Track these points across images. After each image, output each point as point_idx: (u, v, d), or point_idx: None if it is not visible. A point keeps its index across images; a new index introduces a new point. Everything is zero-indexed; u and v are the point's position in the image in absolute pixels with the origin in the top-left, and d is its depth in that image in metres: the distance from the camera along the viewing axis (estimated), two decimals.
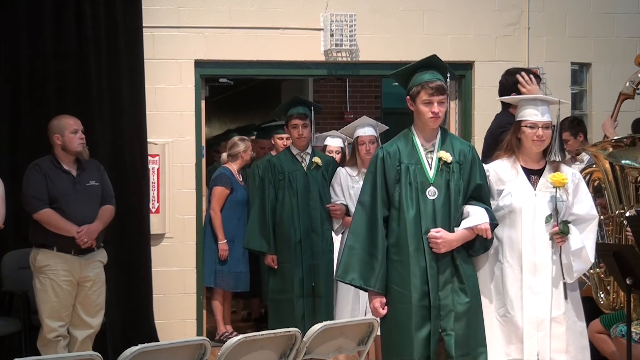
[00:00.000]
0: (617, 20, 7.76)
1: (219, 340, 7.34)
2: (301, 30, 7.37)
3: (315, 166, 6.32)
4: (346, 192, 6.17)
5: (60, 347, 5.71)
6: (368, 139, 6.11)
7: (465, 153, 4.44)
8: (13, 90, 6.77)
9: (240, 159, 7.67)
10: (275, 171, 6.30)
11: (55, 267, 5.68)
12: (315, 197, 6.25)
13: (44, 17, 6.77)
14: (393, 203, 4.38)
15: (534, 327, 4.43)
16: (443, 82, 4.40)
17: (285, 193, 6.25)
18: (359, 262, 4.35)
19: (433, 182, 4.36)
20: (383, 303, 4.35)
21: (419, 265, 4.31)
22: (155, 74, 7.12)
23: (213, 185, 7.51)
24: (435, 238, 4.30)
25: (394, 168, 4.38)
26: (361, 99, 11.84)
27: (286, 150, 6.48)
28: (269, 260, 6.27)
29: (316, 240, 6.22)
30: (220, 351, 3.64)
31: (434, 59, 4.48)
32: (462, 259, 4.39)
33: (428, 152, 4.42)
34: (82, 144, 5.82)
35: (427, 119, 4.37)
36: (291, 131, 6.34)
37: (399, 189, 4.36)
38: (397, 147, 4.44)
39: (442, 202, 4.35)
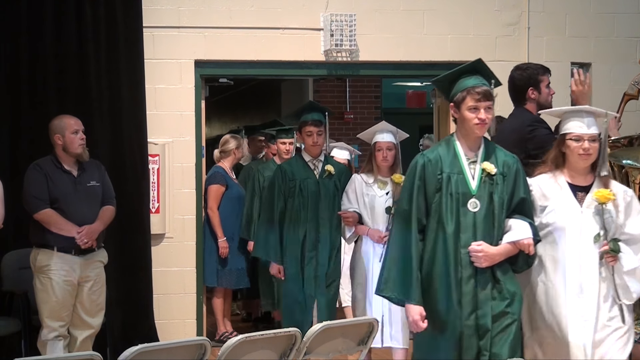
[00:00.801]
0: (617, 20, 7.76)
1: (219, 340, 7.35)
2: (301, 30, 7.37)
3: (327, 174, 6.06)
4: (360, 199, 5.89)
5: (60, 347, 5.71)
6: (386, 146, 5.88)
7: (510, 165, 4.23)
8: (13, 90, 6.77)
9: (232, 156, 7.70)
10: (286, 178, 6.03)
11: (56, 267, 5.68)
12: (326, 207, 5.99)
13: (44, 17, 6.77)
14: (432, 213, 4.18)
15: (581, 352, 4.19)
16: (489, 87, 4.22)
17: (295, 202, 5.99)
18: (396, 273, 4.18)
19: (475, 194, 4.16)
20: (423, 316, 4.14)
21: (456, 279, 4.12)
22: (155, 74, 7.12)
23: (208, 184, 7.53)
24: (477, 252, 4.10)
25: (435, 176, 4.19)
26: (361, 99, 11.84)
27: (297, 157, 6.24)
28: (274, 270, 6.05)
29: (322, 251, 5.97)
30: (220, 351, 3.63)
31: (479, 63, 4.30)
32: (503, 273, 4.17)
33: (471, 162, 4.22)
34: (83, 144, 5.82)
35: (473, 126, 4.16)
36: (305, 138, 6.06)
37: (439, 199, 4.16)
38: (438, 155, 4.23)
39: (483, 215, 4.14)
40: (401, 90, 12.79)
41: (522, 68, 5.42)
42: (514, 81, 5.39)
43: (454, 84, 4.26)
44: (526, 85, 5.35)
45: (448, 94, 4.31)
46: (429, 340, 4.18)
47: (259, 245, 6.15)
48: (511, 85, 5.40)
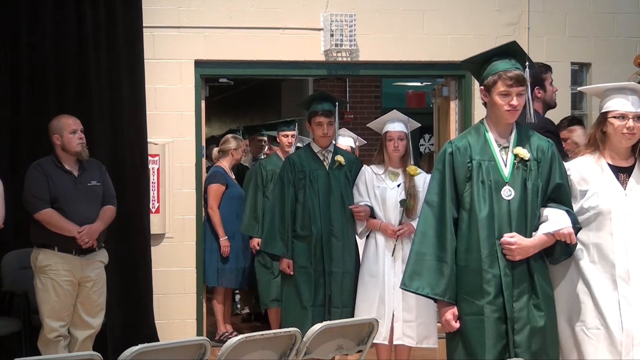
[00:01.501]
0: (617, 20, 7.76)
1: (219, 340, 7.35)
2: (301, 30, 7.37)
3: (337, 165, 5.89)
4: (371, 192, 5.73)
5: (60, 347, 5.71)
6: (397, 135, 5.69)
7: (544, 149, 4.01)
8: (13, 90, 6.77)
9: (230, 156, 7.69)
10: (295, 170, 5.86)
11: (56, 267, 5.68)
12: (337, 199, 5.82)
13: (44, 17, 6.77)
14: (463, 204, 3.97)
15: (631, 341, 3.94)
16: (522, 71, 4.00)
17: (306, 194, 5.81)
18: (427, 268, 3.95)
19: (508, 180, 3.95)
20: (456, 315, 3.96)
21: (492, 273, 3.90)
22: (155, 74, 7.12)
23: (208, 184, 7.52)
24: (509, 244, 3.89)
25: (464, 165, 3.98)
26: (361, 99, 11.85)
27: (306, 148, 6.08)
28: (284, 265, 5.85)
29: (336, 245, 5.78)
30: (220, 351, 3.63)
31: (513, 45, 4.08)
32: (538, 268, 3.97)
33: (502, 149, 4.01)
34: (82, 144, 5.82)
35: (504, 112, 3.96)
36: (315, 129, 5.90)
37: (470, 188, 3.96)
38: (467, 142, 4.02)
39: (518, 203, 3.93)
40: (401, 90, 12.79)
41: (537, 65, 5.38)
42: None
43: (485, 66, 4.06)
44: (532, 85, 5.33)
45: (479, 76, 4.10)
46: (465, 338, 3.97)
47: (267, 239, 5.94)
48: None
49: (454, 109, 7.84)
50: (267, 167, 7.34)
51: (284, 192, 5.85)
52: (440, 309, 4.00)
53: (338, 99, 6.08)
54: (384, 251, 5.64)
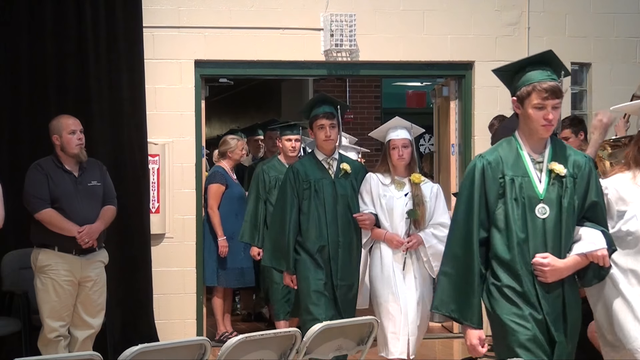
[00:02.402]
0: (617, 20, 7.76)
1: (219, 340, 7.34)
2: (301, 30, 7.37)
3: (343, 173, 5.61)
4: (377, 201, 5.49)
5: (60, 347, 5.71)
6: (401, 143, 5.49)
7: (581, 165, 3.75)
8: (13, 90, 6.77)
9: (228, 158, 7.67)
10: (299, 179, 5.57)
11: (57, 267, 5.68)
12: (344, 209, 5.56)
13: (44, 17, 6.78)
14: (495, 222, 3.71)
15: None
16: (557, 82, 3.74)
17: (311, 204, 5.54)
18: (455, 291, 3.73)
19: (543, 198, 3.69)
20: (482, 339, 3.71)
21: (529, 295, 3.66)
22: (155, 74, 7.13)
23: (208, 184, 7.51)
24: (542, 265, 3.64)
25: (496, 181, 3.71)
26: (361, 99, 11.85)
27: (310, 156, 5.79)
28: (287, 280, 5.63)
29: (344, 258, 5.55)
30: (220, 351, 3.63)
31: (549, 54, 3.80)
32: (569, 291, 3.73)
33: (536, 164, 3.74)
34: (80, 145, 5.80)
35: (538, 127, 3.69)
36: (317, 133, 5.60)
37: (503, 206, 3.69)
38: (499, 156, 3.76)
39: (553, 221, 3.67)
40: (401, 90, 12.79)
41: None
42: None
43: (518, 75, 3.78)
44: None
45: (510, 85, 3.85)
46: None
47: (268, 253, 5.71)
48: None
49: (454, 109, 7.84)
50: (269, 173, 7.07)
51: (286, 203, 5.58)
52: (467, 332, 3.75)
53: (340, 102, 5.85)
54: (391, 264, 5.44)
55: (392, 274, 5.42)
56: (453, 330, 7.75)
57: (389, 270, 5.43)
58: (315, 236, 5.52)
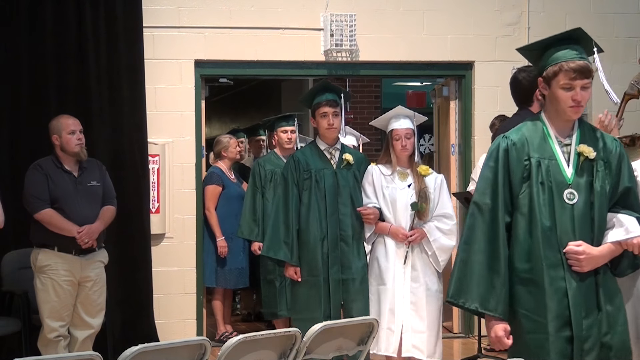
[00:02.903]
0: (617, 20, 7.76)
1: (219, 340, 7.34)
2: (301, 30, 7.37)
3: (346, 164, 5.46)
4: (379, 193, 5.36)
5: (60, 347, 5.71)
6: (404, 133, 5.34)
7: (611, 148, 3.55)
8: (13, 90, 6.77)
9: (224, 157, 7.66)
10: (299, 169, 5.43)
11: (56, 267, 5.68)
12: (345, 201, 5.41)
13: (44, 17, 6.77)
14: (519, 207, 3.50)
15: None
16: (587, 61, 3.52)
17: (312, 195, 5.39)
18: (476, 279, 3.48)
19: (572, 182, 3.48)
20: (508, 331, 3.48)
21: (556, 285, 3.44)
22: (155, 74, 7.13)
23: (205, 185, 7.50)
24: (577, 253, 3.43)
25: (521, 163, 3.50)
26: (361, 99, 11.85)
27: (311, 145, 5.63)
28: (291, 272, 5.43)
29: (346, 251, 5.39)
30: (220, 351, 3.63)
31: (578, 32, 3.57)
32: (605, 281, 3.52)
33: (564, 146, 3.53)
34: (80, 144, 5.81)
35: (566, 108, 3.48)
36: (319, 121, 5.44)
37: (528, 190, 3.48)
38: (524, 136, 3.53)
39: (582, 208, 3.46)
40: (401, 90, 12.80)
41: (527, 70, 5.40)
42: (520, 83, 5.33)
43: (545, 54, 3.57)
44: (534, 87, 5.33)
45: (538, 63, 3.64)
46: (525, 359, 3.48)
47: (271, 244, 5.48)
48: (517, 87, 5.35)
49: (454, 109, 7.84)
50: (265, 166, 7.01)
51: (288, 193, 5.43)
52: (490, 324, 3.52)
53: (343, 90, 5.64)
54: (394, 257, 5.33)
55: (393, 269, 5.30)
56: (453, 330, 7.75)
57: (392, 264, 5.31)
58: (315, 228, 5.38)
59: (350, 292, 5.39)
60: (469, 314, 3.68)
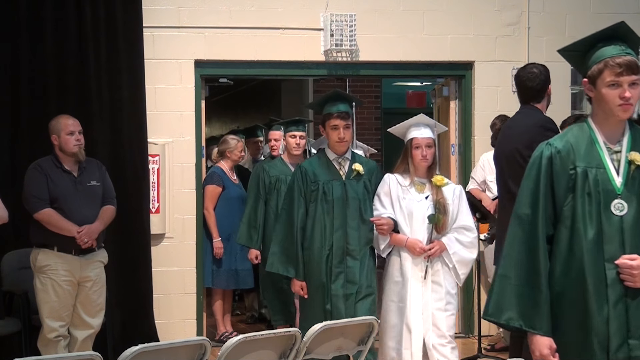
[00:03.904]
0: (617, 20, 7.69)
1: (219, 340, 7.34)
2: (301, 30, 7.37)
3: (356, 174, 5.26)
4: (396, 204, 5.14)
5: (60, 347, 5.71)
6: (425, 142, 5.14)
7: None
8: (13, 90, 6.77)
9: (227, 158, 7.65)
10: (307, 180, 5.24)
11: (56, 267, 5.68)
12: (354, 213, 5.21)
13: (44, 17, 6.77)
14: (562, 219, 3.29)
15: None
16: (635, 57, 3.31)
17: (318, 207, 5.21)
18: (517, 295, 3.28)
19: (621, 192, 3.26)
20: (554, 349, 3.26)
21: (600, 302, 3.22)
22: (155, 74, 7.13)
23: (205, 184, 7.49)
24: (631, 268, 3.19)
25: (566, 172, 3.29)
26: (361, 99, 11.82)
27: (320, 155, 5.45)
28: (297, 288, 5.28)
29: (352, 265, 5.19)
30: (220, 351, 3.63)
31: (622, 26, 3.42)
32: None
33: (613, 153, 3.31)
34: (79, 145, 5.80)
35: (614, 108, 3.25)
36: (329, 133, 5.25)
37: (573, 201, 3.26)
38: (569, 144, 3.32)
39: (632, 219, 3.24)
40: (401, 90, 12.80)
41: (538, 67, 5.37)
42: (533, 80, 5.30)
43: (589, 53, 3.42)
44: (547, 84, 5.33)
45: (581, 66, 3.48)
46: None
47: (275, 258, 5.31)
48: (532, 84, 5.30)
49: (454, 109, 7.84)
50: (270, 172, 6.85)
51: (293, 205, 5.26)
52: (534, 342, 3.30)
53: (355, 98, 5.49)
54: (412, 272, 5.12)
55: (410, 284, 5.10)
56: None
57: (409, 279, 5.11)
58: (320, 242, 5.21)
59: (355, 307, 5.18)
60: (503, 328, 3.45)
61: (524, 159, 5.10)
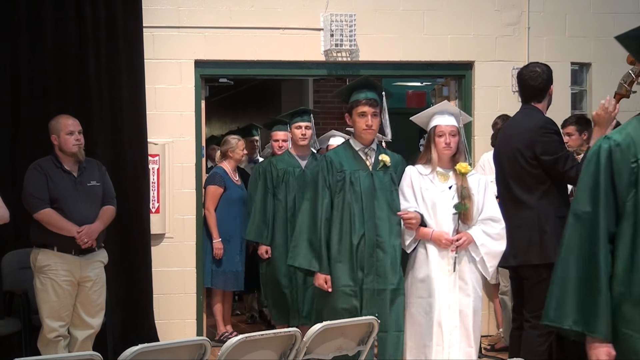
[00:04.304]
0: (617, 20, 7.76)
1: (219, 340, 7.34)
2: (301, 30, 7.37)
3: (382, 165, 5.06)
4: (418, 195, 4.96)
5: (60, 347, 5.71)
6: (449, 130, 4.95)
7: None
8: (13, 90, 6.77)
9: (229, 158, 7.65)
10: (332, 169, 5.03)
11: (56, 267, 5.68)
12: (382, 205, 5.00)
13: (44, 17, 6.77)
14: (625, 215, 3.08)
15: None
16: None
17: (346, 198, 4.99)
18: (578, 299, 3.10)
19: None
20: (612, 355, 3.07)
21: None
22: (155, 74, 7.13)
23: (206, 185, 7.49)
24: None
25: (628, 165, 3.07)
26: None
27: (345, 145, 5.22)
28: (321, 282, 5.00)
29: (382, 259, 4.96)
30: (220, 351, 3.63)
31: None
32: None
33: None
34: (78, 145, 5.80)
35: None
36: (356, 120, 5.03)
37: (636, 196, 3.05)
38: (629, 136, 3.11)
39: None
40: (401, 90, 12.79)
41: (540, 66, 5.37)
42: (535, 79, 5.30)
43: None
44: (549, 83, 5.33)
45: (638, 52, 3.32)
46: None
47: (298, 251, 5.08)
48: (533, 83, 5.30)
49: None
50: (278, 165, 6.75)
51: (317, 196, 5.04)
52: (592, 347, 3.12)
53: (385, 88, 5.24)
54: (439, 265, 4.93)
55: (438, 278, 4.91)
56: None
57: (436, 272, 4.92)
58: (350, 234, 4.97)
59: (385, 304, 4.96)
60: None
61: (525, 159, 5.11)
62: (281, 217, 6.68)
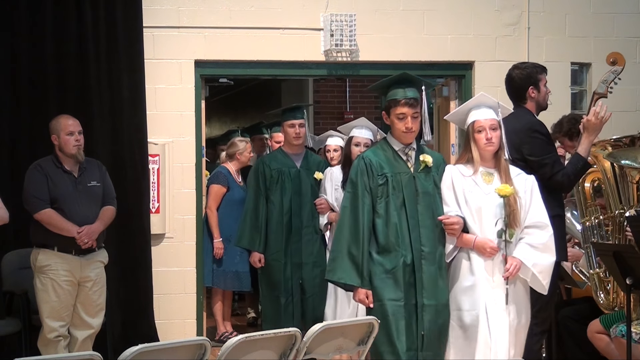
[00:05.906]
0: (617, 20, 7.76)
1: (219, 340, 7.34)
2: (301, 30, 7.37)
3: (424, 167, 4.62)
4: (461, 199, 4.54)
5: (60, 347, 5.71)
6: (489, 124, 4.53)
7: None
8: (13, 90, 6.77)
9: (236, 160, 7.65)
10: (372, 172, 4.57)
11: (56, 267, 5.68)
12: (426, 211, 4.56)
13: (44, 17, 6.77)
14: None
15: None
16: None
17: (390, 204, 4.54)
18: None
19: None
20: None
21: None
22: (155, 74, 7.13)
23: (210, 184, 7.50)
24: None
25: None
26: (361, 99, 11.85)
27: (383, 144, 4.73)
28: (362, 297, 4.57)
29: (429, 271, 4.52)
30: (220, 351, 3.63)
31: None
32: None
33: None
34: (78, 146, 5.80)
35: None
36: (395, 122, 4.59)
37: None
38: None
39: None
40: None
41: (521, 67, 5.42)
42: (513, 80, 5.39)
43: None
44: (526, 84, 5.35)
45: None
46: None
47: (338, 265, 4.58)
48: (511, 85, 5.40)
49: (454, 108, 7.82)
50: (271, 165, 6.33)
51: (357, 202, 4.56)
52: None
53: (425, 81, 4.72)
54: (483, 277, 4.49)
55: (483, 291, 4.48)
56: None
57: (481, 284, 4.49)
58: (396, 244, 4.53)
59: (433, 321, 4.54)
60: None
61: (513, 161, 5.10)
62: (275, 221, 6.26)
